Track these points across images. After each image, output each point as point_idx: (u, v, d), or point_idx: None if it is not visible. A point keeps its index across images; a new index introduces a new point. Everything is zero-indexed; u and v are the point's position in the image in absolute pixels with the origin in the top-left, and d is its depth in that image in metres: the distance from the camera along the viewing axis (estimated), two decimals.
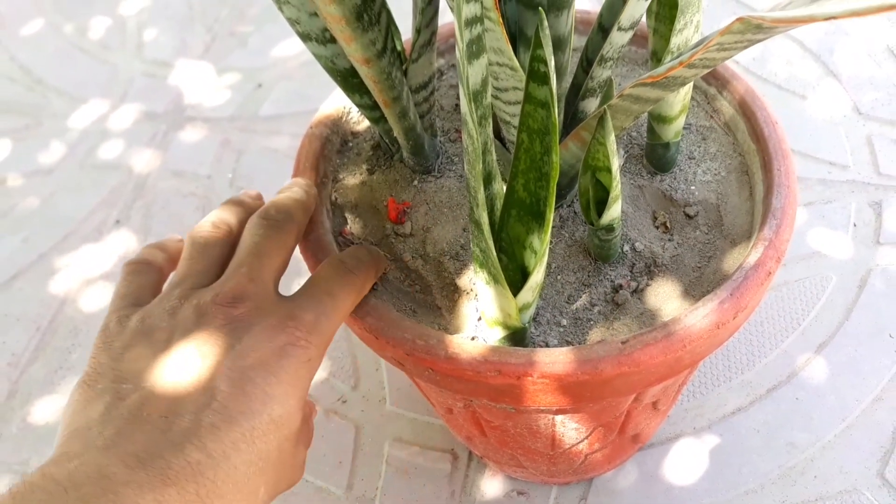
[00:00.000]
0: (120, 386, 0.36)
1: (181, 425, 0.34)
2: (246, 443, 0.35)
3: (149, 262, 0.44)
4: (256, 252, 0.42)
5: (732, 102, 0.55)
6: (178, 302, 0.39)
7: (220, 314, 0.38)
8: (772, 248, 0.46)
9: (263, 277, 0.41)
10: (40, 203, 0.96)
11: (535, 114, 0.37)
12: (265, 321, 0.39)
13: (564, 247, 0.51)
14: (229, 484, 0.34)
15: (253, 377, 0.36)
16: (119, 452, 0.33)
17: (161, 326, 0.38)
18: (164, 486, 0.32)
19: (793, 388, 0.71)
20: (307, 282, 0.43)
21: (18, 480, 0.32)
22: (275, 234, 0.43)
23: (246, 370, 0.37)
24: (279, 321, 0.39)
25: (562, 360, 0.41)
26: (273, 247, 0.42)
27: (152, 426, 0.34)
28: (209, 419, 0.35)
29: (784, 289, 0.77)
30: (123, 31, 1.16)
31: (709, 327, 0.43)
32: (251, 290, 0.40)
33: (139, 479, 0.32)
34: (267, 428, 0.36)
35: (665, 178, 0.54)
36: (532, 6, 0.41)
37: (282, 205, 0.46)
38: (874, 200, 0.83)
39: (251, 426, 0.35)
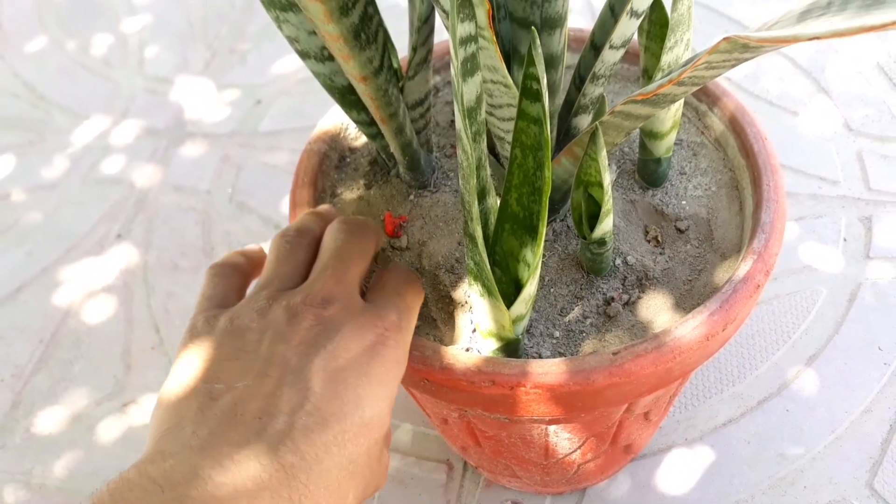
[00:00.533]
0: (212, 386, 0.36)
1: (275, 427, 0.34)
2: (337, 445, 0.35)
3: (233, 265, 0.45)
4: (339, 255, 0.42)
5: (723, 119, 0.57)
6: (267, 303, 0.39)
7: (311, 314, 0.38)
8: (760, 262, 0.48)
9: (349, 280, 0.41)
10: (43, 217, 0.97)
11: (528, 130, 0.39)
12: (354, 322, 0.39)
13: (557, 260, 0.52)
14: (321, 488, 0.34)
15: (345, 378, 0.36)
16: (213, 453, 0.33)
17: (251, 327, 0.38)
18: (259, 489, 0.32)
19: (783, 400, 0.72)
20: (371, 287, 0.43)
21: (115, 477, 0.32)
22: (355, 238, 0.44)
23: (338, 371, 0.36)
24: (368, 321, 0.39)
25: (554, 370, 0.43)
26: (355, 251, 0.43)
27: (246, 427, 0.34)
28: (302, 421, 0.34)
29: (775, 302, 0.79)
30: (125, 48, 1.18)
31: (698, 339, 0.45)
32: (339, 292, 0.40)
33: (233, 482, 0.32)
34: (358, 430, 0.36)
35: (657, 193, 0.55)
36: (525, 25, 0.42)
37: (357, 216, 0.47)
38: (864, 215, 0.85)
39: (342, 428, 0.35)
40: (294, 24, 0.43)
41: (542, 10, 0.41)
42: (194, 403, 0.35)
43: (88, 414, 0.80)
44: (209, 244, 0.92)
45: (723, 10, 1.08)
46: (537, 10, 0.41)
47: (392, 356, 0.39)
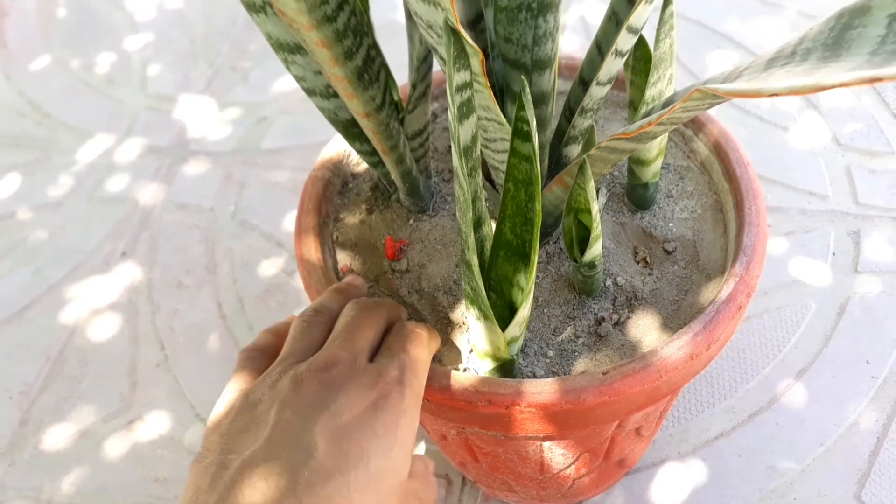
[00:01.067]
0: (226, 457, 0.38)
1: (280, 485, 0.36)
2: (342, 496, 0.37)
3: (261, 349, 0.47)
4: (349, 327, 0.45)
5: (707, 144, 0.59)
6: (278, 376, 0.42)
7: (315, 379, 0.41)
8: (742, 284, 0.50)
9: (355, 347, 0.43)
10: (49, 235, 0.99)
11: (519, 166, 0.41)
12: (357, 381, 0.41)
13: (551, 281, 0.55)
14: None
15: (349, 434, 0.39)
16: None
17: (263, 399, 0.41)
18: None
19: (773, 414, 0.74)
20: (380, 349, 0.45)
21: None
22: (366, 314, 0.46)
23: (342, 428, 0.39)
24: (370, 379, 0.41)
25: (547, 390, 0.45)
26: (364, 324, 0.45)
27: (251, 489, 0.36)
28: (306, 477, 0.36)
29: (765, 316, 0.81)
30: (128, 67, 1.20)
31: (683, 358, 0.47)
32: (342, 357, 0.42)
33: None
34: (365, 481, 0.38)
35: (645, 216, 0.58)
36: (517, 66, 0.45)
37: (374, 298, 0.49)
38: (852, 230, 0.87)
39: (347, 480, 0.37)
40: (301, 65, 0.45)
41: (533, 54, 0.43)
42: (208, 476, 0.38)
43: (95, 431, 0.82)
44: (213, 261, 0.94)
45: (715, 27, 1.10)
46: (528, 53, 0.43)
47: (396, 408, 0.41)
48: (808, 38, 0.35)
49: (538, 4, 0.41)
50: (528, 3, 0.41)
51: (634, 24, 0.43)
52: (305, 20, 0.38)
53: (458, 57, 0.34)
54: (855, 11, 0.33)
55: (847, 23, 0.33)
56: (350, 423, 0.39)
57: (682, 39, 1.09)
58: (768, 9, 1.12)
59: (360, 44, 0.42)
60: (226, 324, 0.88)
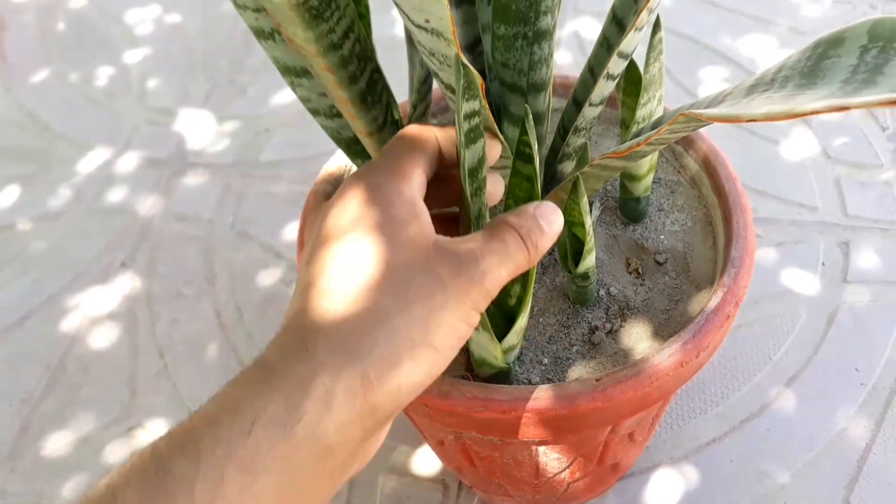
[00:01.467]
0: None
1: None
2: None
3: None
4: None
5: (697, 160, 0.60)
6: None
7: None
8: (730, 294, 0.51)
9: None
10: (49, 246, 1.01)
11: (521, 185, 0.43)
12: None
13: (546, 291, 0.56)
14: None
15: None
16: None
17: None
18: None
19: (764, 420, 0.76)
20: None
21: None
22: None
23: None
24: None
25: (542, 396, 0.46)
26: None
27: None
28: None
29: (757, 325, 0.82)
30: (127, 80, 1.21)
31: (674, 365, 0.48)
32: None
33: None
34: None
35: (637, 228, 0.59)
36: (513, 89, 0.46)
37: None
38: (842, 240, 0.89)
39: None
40: (307, 87, 0.47)
41: (528, 78, 0.45)
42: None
43: (95, 438, 0.83)
44: (211, 272, 0.95)
45: (707, 43, 1.12)
46: (524, 77, 0.45)
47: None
48: (786, 66, 0.37)
49: (533, 33, 0.43)
50: (524, 32, 0.43)
51: (625, 50, 0.45)
52: (313, 48, 0.40)
53: (468, 89, 0.36)
54: (830, 42, 0.35)
55: (822, 53, 0.35)
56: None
57: (675, 55, 1.11)
58: (759, 25, 1.14)
59: (364, 68, 0.44)
60: (224, 333, 0.89)
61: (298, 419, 0.32)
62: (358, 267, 0.36)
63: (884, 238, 0.88)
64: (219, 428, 0.31)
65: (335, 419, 0.33)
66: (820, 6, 1.15)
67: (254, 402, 0.32)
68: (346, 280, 0.35)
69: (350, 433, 0.33)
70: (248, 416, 0.31)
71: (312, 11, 0.38)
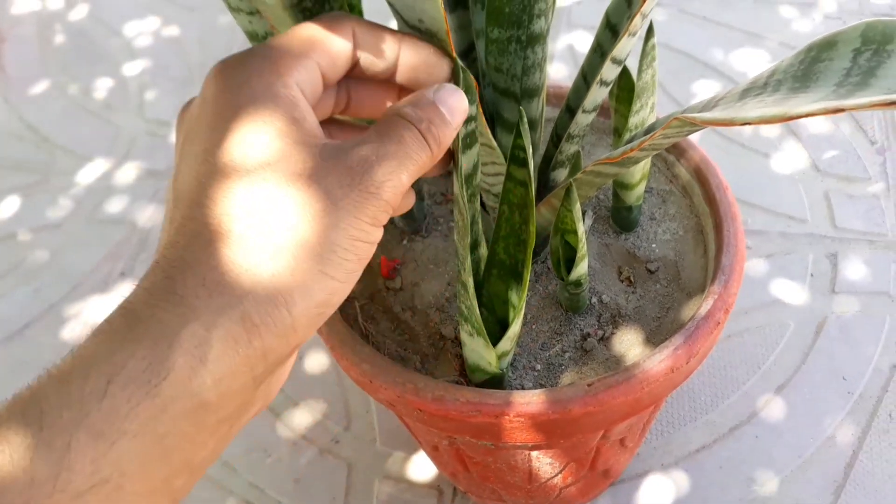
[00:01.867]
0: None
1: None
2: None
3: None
4: None
5: (689, 169, 0.62)
6: None
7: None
8: (721, 301, 0.52)
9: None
10: (49, 256, 1.02)
11: (515, 190, 0.44)
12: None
13: (539, 299, 0.57)
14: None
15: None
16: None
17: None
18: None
19: (753, 427, 0.77)
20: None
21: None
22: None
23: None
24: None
25: (535, 400, 0.47)
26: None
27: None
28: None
29: (746, 335, 0.84)
30: (126, 92, 1.23)
31: (664, 371, 0.49)
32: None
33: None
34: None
35: (629, 237, 0.60)
36: (507, 94, 0.48)
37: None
38: (830, 252, 0.90)
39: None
40: None
41: (522, 83, 0.46)
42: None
43: None
44: None
45: (699, 57, 1.14)
46: (517, 82, 0.46)
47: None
48: (779, 70, 0.38)
49: (527, 37, 0.44)
50: (518, 35, 0.44)
51: (618, 56, 0.46)
52: None
53: (466, 92, 0.36)
54: (823, 46, 0.36)
55: (815, 56, 0.36)
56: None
57: (667, 69, 1.13)
58: (751, 39, 1.16)
59: None
60: None
61: (164, 375, 0.28)
62: (229, 188, 0.30)
63: (871, 250, 0.90)
64: (68, 387, 0.27)
65: (212, 372, 0.29)
66: (810, 22, 1.17)
67: (111, 357, 0.28)
68: (216, 205, 0.30)
69: (235, 384, 0.29)
70: (103, 373, 0.27)
71: (307, 13, 0.39)
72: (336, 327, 0.52)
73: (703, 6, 1.21)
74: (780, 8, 1.19)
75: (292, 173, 0.31)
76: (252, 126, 0.31)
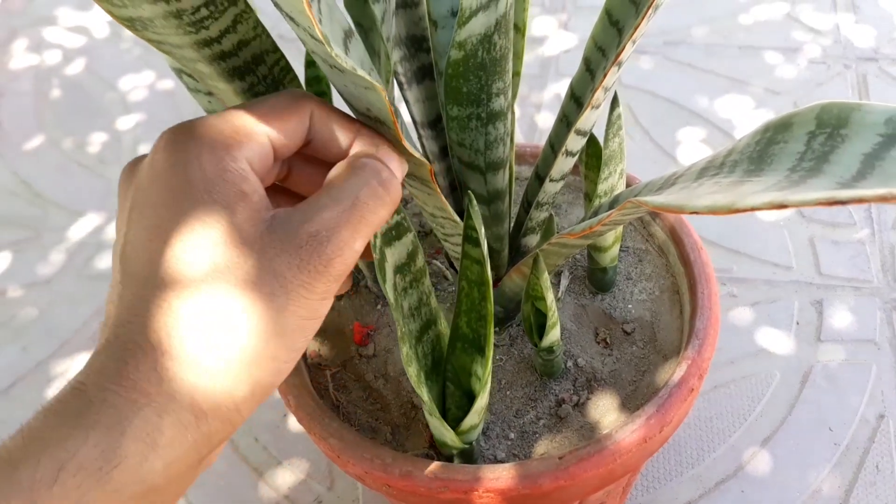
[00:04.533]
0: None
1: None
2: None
3: None
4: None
5: (664, 229, 0.62)
6: None
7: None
8: (694, 367, 0.52)
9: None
10: (39, 313, 1.02)
11: (472, 267, 0.44)
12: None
13: (514, 363, 0.57)
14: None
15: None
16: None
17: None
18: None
19: (739, 482, 0.76)
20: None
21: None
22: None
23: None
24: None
25: (504, 475, 0.47)
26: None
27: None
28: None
29: (732, 385, 0.83)
30: (119, 146, 1.24)
31: (637, 441, 0.49)
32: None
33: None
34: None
35: (605, 298, 0.61)
36: (471, 167, 0.48)
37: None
38: (816, 299, 0.90)
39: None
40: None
41: (485, 157, 0.46)
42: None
43: None
44: None
45: (684, 104, 1.15)
46: (481, 156, 0.46)
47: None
48: (736, 150, 0.38)
49: (487, 114, 0.45)
50: (478, 113, 0.45)
51: (582, 128, 0.47)
52: None
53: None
54: (778, 127, 0.36)
55: (771, 138, 0.36)
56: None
57: (652, 116, 1.13)
58: (735, 86, 1.16)
59: None
60: None
61: (116, 463, 0.28)
62: (180, 295, 0.30)
63: (857, 297, 0.89)
64: (18, 473, 0.27)
65: (162, 457, 0.29)
66: (795, 67, 1.18)
67: (63, 443, 0.27)
68: (168, 310, 0.30)
69: (182, 467, 0.30)
70: (54, 460, 0.27)
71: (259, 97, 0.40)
72: (304, 400, 0.52)
73: (689, 53, 1.22)
74: (765, 54, 1.20)
75: (241, 255, 0.30)
76: (202, 215, 0.31)
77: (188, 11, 0.32)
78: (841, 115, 0.33)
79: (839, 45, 1.20)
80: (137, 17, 0.32)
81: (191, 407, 0.29)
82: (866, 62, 1.17)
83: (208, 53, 0.35)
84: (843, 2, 1.27)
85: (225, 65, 0.36)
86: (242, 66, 0.37)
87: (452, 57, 0.41)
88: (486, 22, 0.40)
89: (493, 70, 0.43)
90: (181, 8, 0.32)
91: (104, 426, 0.28)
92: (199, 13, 0.32)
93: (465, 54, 0.41)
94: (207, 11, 0.33)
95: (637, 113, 1.14)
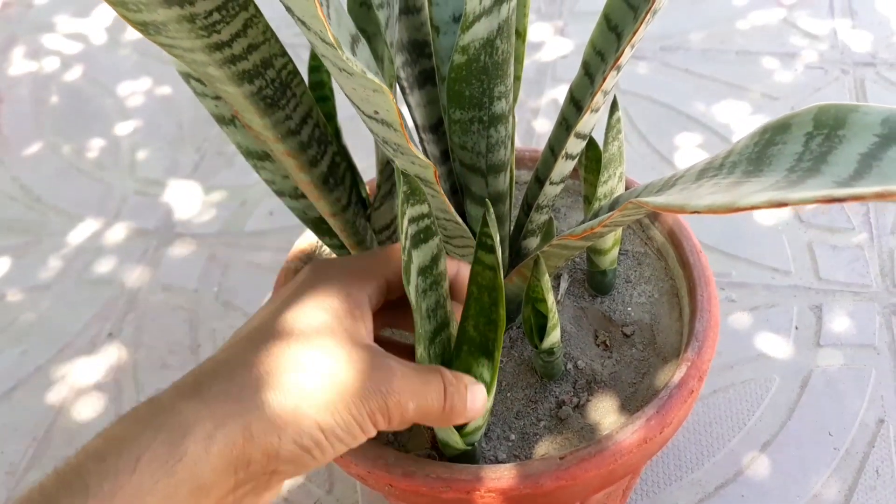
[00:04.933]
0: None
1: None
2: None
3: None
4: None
5: (663, 232, 0.62)
6: None
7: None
8: (694, 369, 0.53)
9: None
10: (38, 317, 1.02)
11: (483, 273, 0.44)
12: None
13: (514, 365, 0.57)
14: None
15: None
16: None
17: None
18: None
19: (739, 486, 0.77)
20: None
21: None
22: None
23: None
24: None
25: (506, 475, 0.47)
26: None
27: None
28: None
29: (731, 390, 0.83)
30: (118, 152, 1.24)
31: (638, 442, 0.49)
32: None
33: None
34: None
35: (605, 300, 0.61)
36: (474, 170, 0.48)
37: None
38: (814, 304, 0.90)
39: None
40: (270, 170, 0.49)
41: (487, 160, 0.47)
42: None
43: None
44: (196, 342, 0.96)
45: (682, 110, 1.15)
46: (482, 159, 0.47)
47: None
48: (735, 151, 0.38)
49: (489, 118, 0.45)
50: (480, 116, 0.45)
51: (582, 131, 0.47)
52: (271, 134, 0.42)
53: (413, 194, 0.38)
54: (777, 128, 0.36)
55: (769, 139, 0.36)
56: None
57: (650, 122, 1.14)
58: (733, 91, 1.17)
59: (325, 152, 0.46)
60: None
61: (179, 458, 0.33)
62: (278, 339, 0.38)
63: (855, 301, 0.90)
64: (105, 464, 0.33)
65: (212, 463, 0.34)
66: (792, 72, 1.18)
67: (139, 439, 0.33)
68: (261, 345, 0.38)
69: (223, 478, 0.35)
70: (133, 452, 0.33)
71: (267, 100, 0.40)
72: None
73: (686, 58, 1.23)
74: (762, 59, 1.21)
75: (335, 346, 0.38)
76: (323, 311, 0.40)
77: (201, 16, 0.33)
78: (838, 116, 0.34)
79: (836, 50, 1.20)
80: (151, 21, 0.33)
81: (242, 429, 0.35)
82: (864, 67, 1.17)
83: (219, 57, 0.36)
84: (840, 7, 1.27)
85: (235, 68, 0.37)
86: (251, 70, 0.38)
87: (455, 61, 0.42)
88: (489, 26, 0.41)
89: (495, 74, 0.43)
90: (194, 12, 0.32)
91: (173, 426, 0.34)
92: (211, 17, 0.33)
93: (468, 58, 0.42)
94: (220, 16, 0.33)
95: (634, 118, 1.15)
